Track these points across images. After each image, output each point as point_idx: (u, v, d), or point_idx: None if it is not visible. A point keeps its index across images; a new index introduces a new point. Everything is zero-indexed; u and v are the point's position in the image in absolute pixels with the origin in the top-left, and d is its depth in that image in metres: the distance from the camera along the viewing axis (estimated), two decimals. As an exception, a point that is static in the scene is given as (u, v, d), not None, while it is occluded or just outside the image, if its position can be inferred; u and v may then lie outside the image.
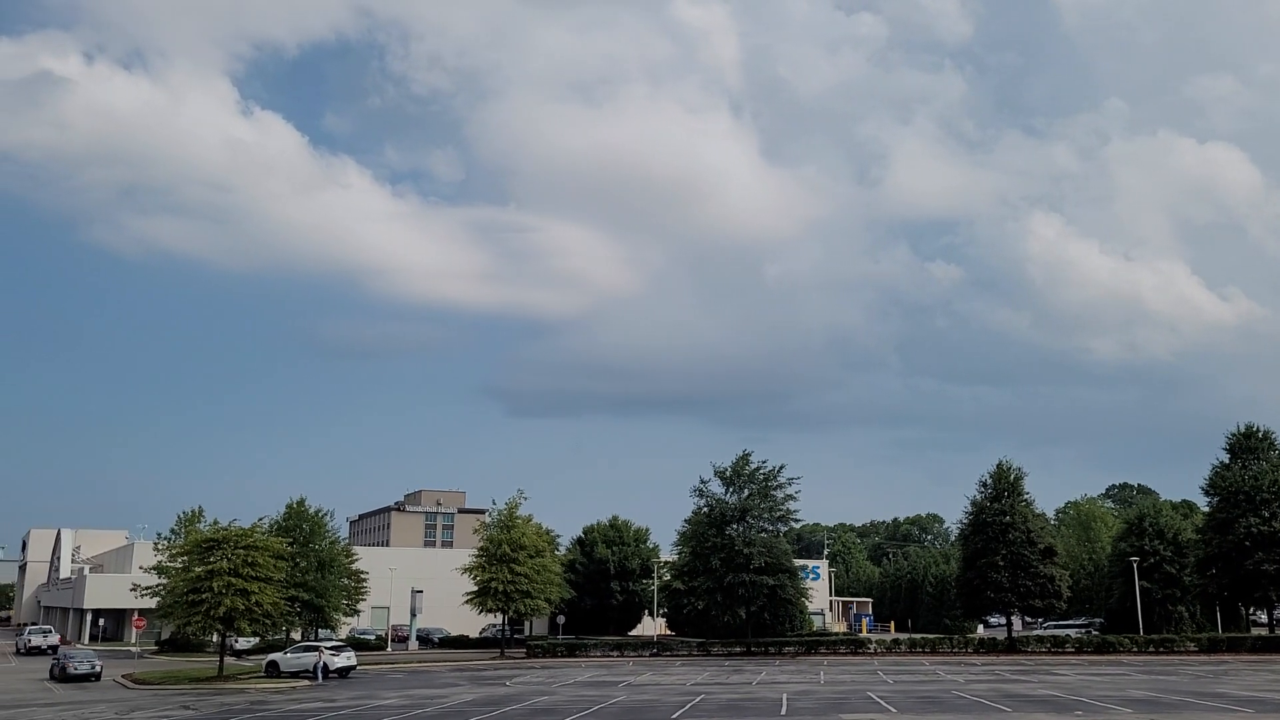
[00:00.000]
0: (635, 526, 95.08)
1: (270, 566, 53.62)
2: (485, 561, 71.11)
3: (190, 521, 65.93)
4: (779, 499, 71.74)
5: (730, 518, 70.73)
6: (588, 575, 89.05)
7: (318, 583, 69.84)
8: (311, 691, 45.75)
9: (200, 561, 52.56)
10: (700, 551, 70.63)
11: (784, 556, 71.87)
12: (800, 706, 33.70)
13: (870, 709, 32.67)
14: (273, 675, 54.08)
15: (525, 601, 70.49)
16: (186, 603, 51.98)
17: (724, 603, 68.86)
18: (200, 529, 57.79)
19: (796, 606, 73.91)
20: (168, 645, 79.39)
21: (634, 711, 33.29)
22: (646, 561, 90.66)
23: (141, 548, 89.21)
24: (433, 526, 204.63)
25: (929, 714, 30.79)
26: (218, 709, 37.79)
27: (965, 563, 72.07)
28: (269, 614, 53.94)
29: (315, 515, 73.49)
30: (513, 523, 72.75)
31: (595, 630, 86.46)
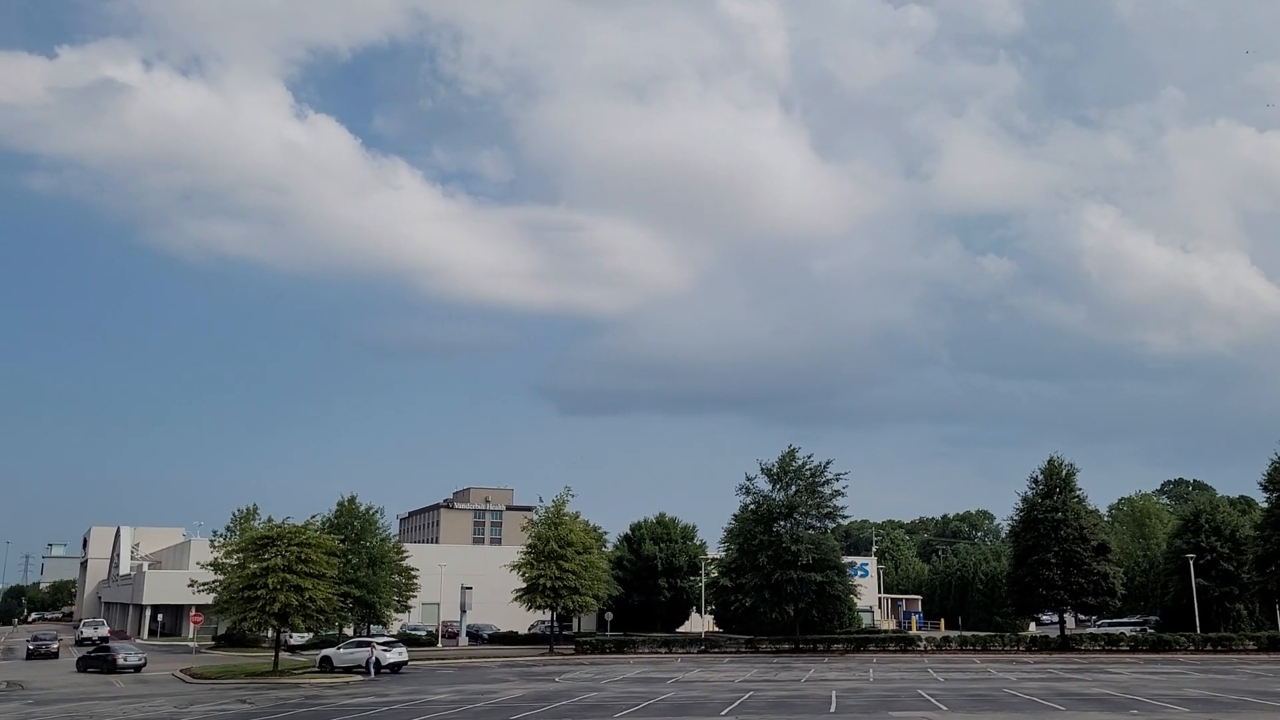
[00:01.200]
0: (682, 524, 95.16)
1: (323, 563, 54.47)
2: (533, 558, 71.62)
3: (245, 519, 67.02)
4: (826, 495, 71.45)
5: (777, 514, 70.53)
6: (635, 572, 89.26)
7: (369, 579, 70.71)
8: (364, 686, 46.42)
9: (255, 558, 53.53)
10: (747, 548, 70.54)
11: (832, 553, 71.57)
12: (850, 704, 33.58)
13: (921, 707, 32.46)
14: (326, 670, 54.87)
15: (573, 598, 70.90)
16: (242, 599, 53.00)
17: (772, 600, 68.71)
18: (255, 526, 58.76)
19: (845, 603, 73.57)
20: (224, 640, 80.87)
21: (683, 708, 33.38)
22: (694, 558, 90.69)
23: (198, 545, 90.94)
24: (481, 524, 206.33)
25: (981, 712, 30.54)
26: (273, 703, 38.48)
27: (1016, 560, 71.25)
28: (322, 610, 54.80)
29: (366, 513, 74.40)
30: (560, 520, 73.19)
31: (643, 627, 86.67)
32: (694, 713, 31.79)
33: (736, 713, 31.34)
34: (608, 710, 32.69)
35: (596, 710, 32.81)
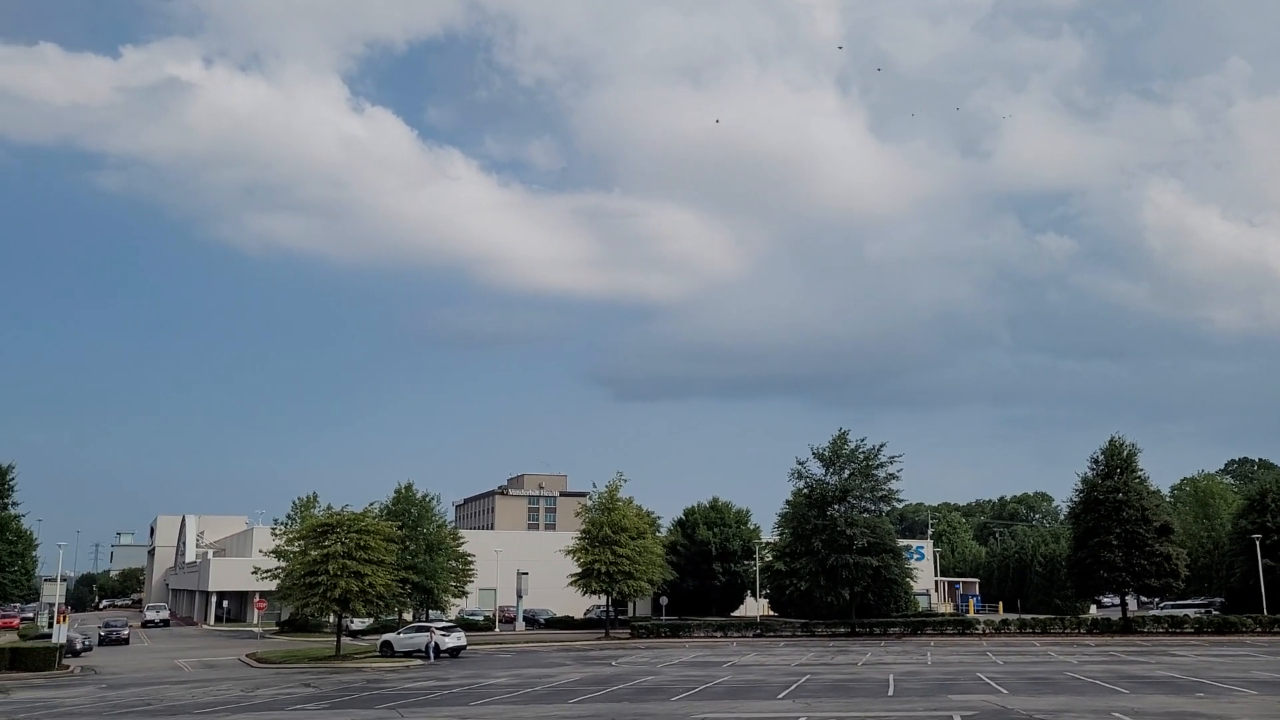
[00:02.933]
0: (736, 508, 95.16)
1: (382, 549, 55.31)
2: (588, 544, 72.08)
3: (305, 507, 68.16)
4: (880, 479, 71.00)
5: (831, 498, 70.25)
6: (689, 557, 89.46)
7: (427, 565, 71.65)
8: (424, 670, 47.14)
9: (316, 545, 54.51)
10: (801, 533, 70.37)
11: (887, 537, 71.15)
12: (908, 687, 33.44)
13: (981, 690, 32.22)
14: (387, 655, 55.77)
15: (628, 583, 71.25)
16: (304, 585, 54.02)
17: (827, 584, 68.52)
18: (315, 514, 59.77)
19: (901, 587, 73.10)
20: (287, 625, 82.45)
21: (740, 691, 33.48)
22: (748, 543, 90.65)
23: (260, 532, 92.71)
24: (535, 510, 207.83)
25: (1042, 695, 30.24)
26: (337, 687, 39.22)
27: (1076, 541, 70.31)
28: (381, 595, 55.69)
29: (423, 500, 75.37)
30: (613, 505, 73.51)
31: (697, 611, 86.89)
32: (752, 696, 31.85)
33: (794, 696, 31.36)
34: (665, 693, 32.88)
35: (654, 693, 33.01)
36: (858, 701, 29.29)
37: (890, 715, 25.88)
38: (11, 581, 74.78)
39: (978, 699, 29.44)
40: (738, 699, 31.00)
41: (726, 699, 31.06)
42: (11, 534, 74.04)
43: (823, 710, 26.98)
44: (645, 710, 28.06)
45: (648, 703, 30.17)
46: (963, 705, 27.62)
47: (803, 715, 25.92)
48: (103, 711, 32.12)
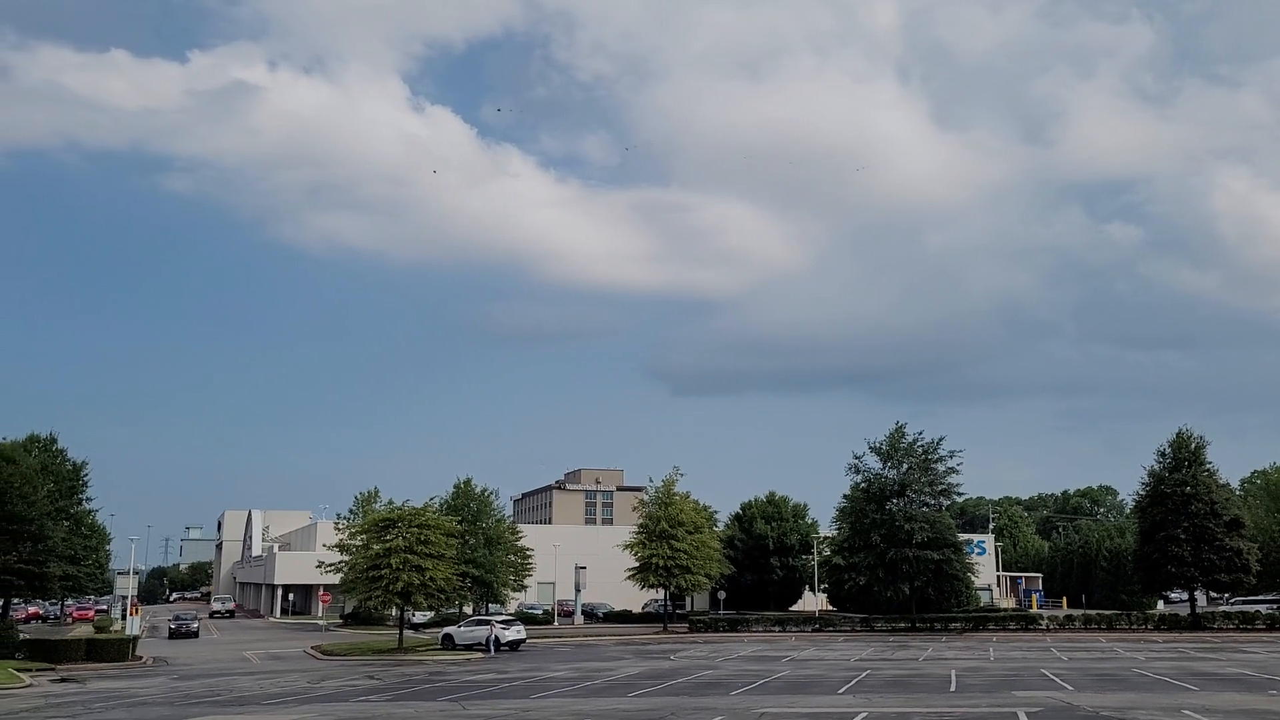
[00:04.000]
0: (793, 502, 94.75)
1: (442, 544, 56.04)
2: (645, 538, 72.35)
3: (367, 502, 69.14)
4: (939, 472, 70.29)
5: (890, 492, 69.70)
6: (747, 551, 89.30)
7: (486, 559, 72.42)
8: (485, 663, 47.69)
9: (378, 540, 55.39)
10: (860, 527, 69.90)
11: (947, 531, 70.40)
12: (970, 683, 33.10)
13: (1046, 687, 31.78)
14: (448, 648, 56.52)
15: (685, 577, 71.39)
16: (367, 578, 54.93)
17: (886, 579, 68.01)
18: (376, 509, 60.68)
19: (962, 582, 72.27)
20: (351, 619, 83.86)
21: (799, 686, 33.39)
22: (805, 537, 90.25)
23: (324, 527, 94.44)
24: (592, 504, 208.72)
25: (1109, 692, 29.75)
26: (400, 679, 39.85)
27: (1143, 536, 68.95)
28: (442, 589, 56.43)
29: (482, 494, 76.17)
30: (670, 500, 73.67)
31: (755, 606, 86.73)
32: (811, 691, 31.76)
33: (854, 691, 31.20)
34: (724, 688, 32.91)
35: (713, 688, 33.06)
36: (919, 697, 29.06)
37: (953, 711, 25.64)
38: (87, 575, 76.87)
39: (1042, 695, 29.05)
40: (797, 694, 30.93)
41: (786, 694, 30.99)
42: (86, 529, 76.09)
43: (884, 706, 26.82)
44: (705, 704, 28.12)
45: (707, 697, 30.22)
46: (1027, 702, 27.27)
47: (864, 711, 25.79)
48: (174, 701, 32.97)
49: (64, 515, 66.80)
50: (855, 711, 25.81)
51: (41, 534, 55.97)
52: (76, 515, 72.46)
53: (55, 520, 61.15)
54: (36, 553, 55.23)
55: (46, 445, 71.41)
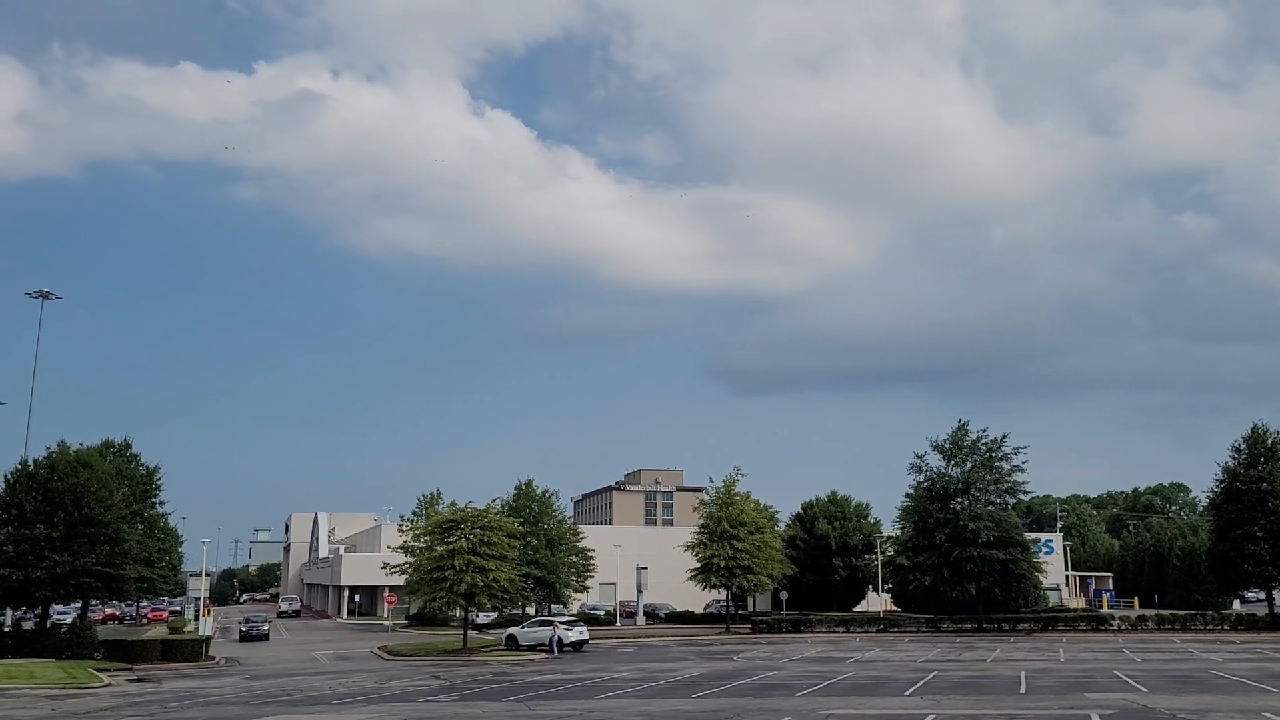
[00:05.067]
0: (856, 501, 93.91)
1: (505, 545, 56.49)
2: (706, 539, 72.21)
3: (430, 504, 70.17)
4: (1004, 470, 69.26)
5: (953, 491, 68.82)
6: (809, 551, 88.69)
7: (548, 560, 72.82)
8: (549, 663, 47.97)
9: (441, 541, 56.02)
10: (923, 526, 69.11)
11: (1014, 530, 69.33)
12: (1041, 685, 32.52)
13: (1118, 688, 31.12)
14: (512, 648, 56.95)
15: (747, 578, 71.13)
16: (431, 580, 55.59)
17: (951, 579, 67.15)
18: (439, 511, 61.40)
19: (1030, 581, 71.07)
20: (416, 619, 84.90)
21: (864, 687, 33.09)
22: (868, 537, 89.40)
23: (388, 529, 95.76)
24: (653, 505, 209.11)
25: (1185, 694, 29.03)
26: (466, 679, 40.24)
27: (1217, 534, 67.21)
28: (505, 590, 56.90)
29: (543, 496, 76.62)
30: (731, 500, 73.44)
31: (818, 606, 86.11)
32: (876, 692, 31.45)
33: (921, 693, 30.82)
34: (788, 689, 32.72)
35: (777, 689, 32.89)
36: (988, 699, 28.62)
37: (1024, 714, 25.22)
38: (160, 577, 78.85)
39: (1116, 697, 28.44)
40: (863, 695, 30.64)
41: (851, 695, 30.72)
42: (160, 532, 78.03)
43: (952, 708, 26.46)
44: (769, 706, 27.98)
45: (771, 698, 30.08)
46: (1100, 704, 26.72)
47: (932, 713, 25.47)
48: (247, 701, 33.63)
49: (138, 519, 68.62)
50: (923, 713, 25.50)
51: (117, 537, 57.48)
52: (150, 519, 74.35)
53: (130, 524, 62.79)
54: (113, 555, 56.71)
55: (121, 450, 73.40)
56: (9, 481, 56.21)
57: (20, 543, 53.48)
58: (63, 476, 55.62)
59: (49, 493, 55.00)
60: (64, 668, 46.79)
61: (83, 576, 54.75)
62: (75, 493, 55.34)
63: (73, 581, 54.75)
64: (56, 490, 55.04)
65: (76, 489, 55.47)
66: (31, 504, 54.51)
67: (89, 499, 55.72)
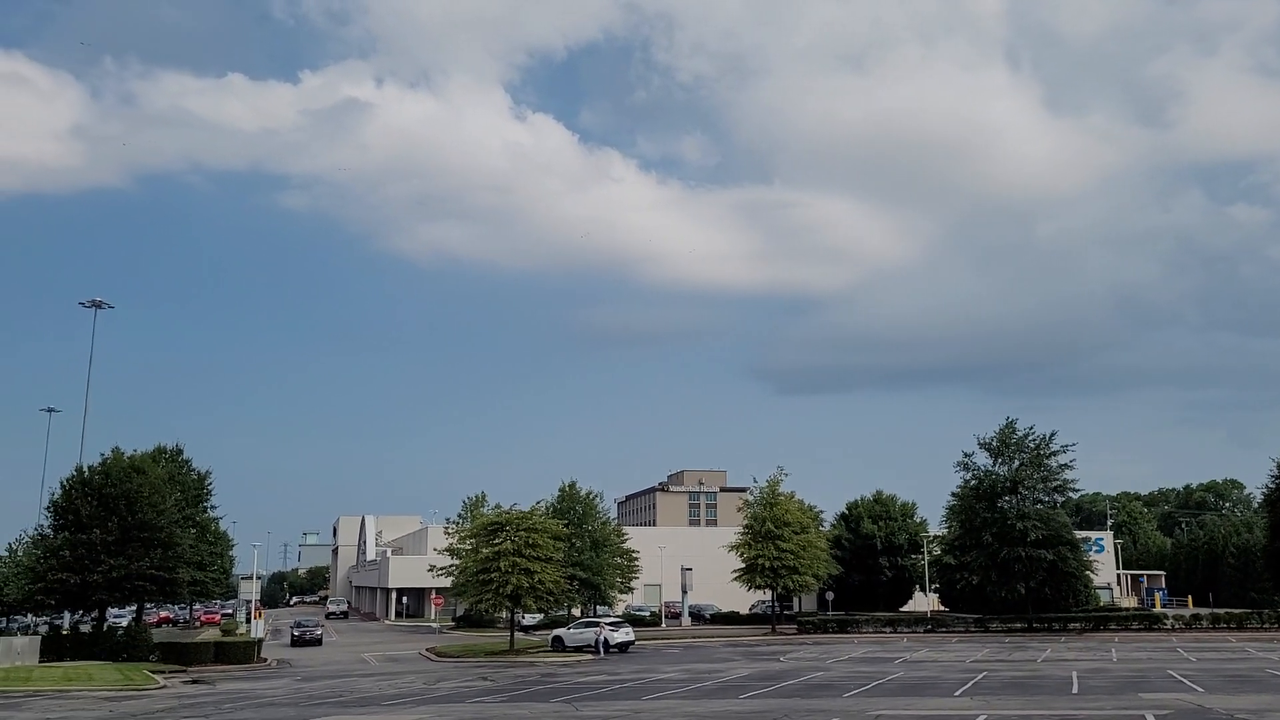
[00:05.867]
0: (901, 501, 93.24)
1: (550, 547, 56.69)
2: (750, 539, 72.03)
3: (475, 506, 70.63)
4: (1053, 468, 68.35)
5: (1001, 490, 68.06)
6: (854, 551, 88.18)
7: (593, 562, 73.04)
8: (595, 664, 48.11)
9: (486, 543, 56.37)
10: (970, 525, 68.43)
11: (1063, 529, 68.45)
12: (1093, 685, 32.08)
13: (1173, 688, 30.62)
14: (558, 649, 57.16)
15: (792, 578, 70.85)
16: (477, 582, 55.96)
17: (999, 578, 66.40)
18: (484, 513, 61.78)
19: (1080, 581, 70.03)
20: (462, 621, 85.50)
21: (913, 688, 32.84)
22: (914, 536, 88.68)
23: (434, 531, 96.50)
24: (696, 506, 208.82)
25: (1243, 694, 28.50)
26: (513, 680, 40.48)
27: (1272, 531, 65.99)
28: (551, 591, 57.10)
29: (586, 497, 76.86)
30: (775, 500, 73.19)
31: (864, 606, 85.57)
32: (925, 693, 31.21)
33: (971, 693, 30.54)
34: (836, 690, 32.57)
35: (824, 690, 32.75)
36: (1039, 700, 28.30)
37: (1077, 714, 24.90)
38: (212, 580, 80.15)
39: (1171, 697, 28.00)
40: (912, 696, 30.43)
41: (900, 696, 30.52)
42: (211, 536, 79.33)
43: (1003, 708, 26.20)
44: (817, 706, 27.87)
45: (819, 699, 29.95)
46: (1155, 704, 26.31)
47: (982, 713, 25.23)
48: (299, 702, 34.10)
49: (191, 523, 69.84)
50: (973, 714, 25.27)
51: (170, 541, 58.55)
52: (202, 523, 75.60)
53: (183, 528, 63.94)
54: (166, 559, 57.78)
55: (173, 456, 74.68)
56: (65, 488, 57.48)
57: (77, 547, 54.69)
58: (117, 482, 56.76)
59: (104, 498, 56.17)
60: (121, 670, 47.75)
61: (137, 580, 55.82)
62: (129, 498, 56.47)
63: (128, 585, 55.86)
64: (111, 496, 56.20)
65: (130, 494, 56.59)
66: (87, 509, 55.70)
67: (142, 504, 56.81)
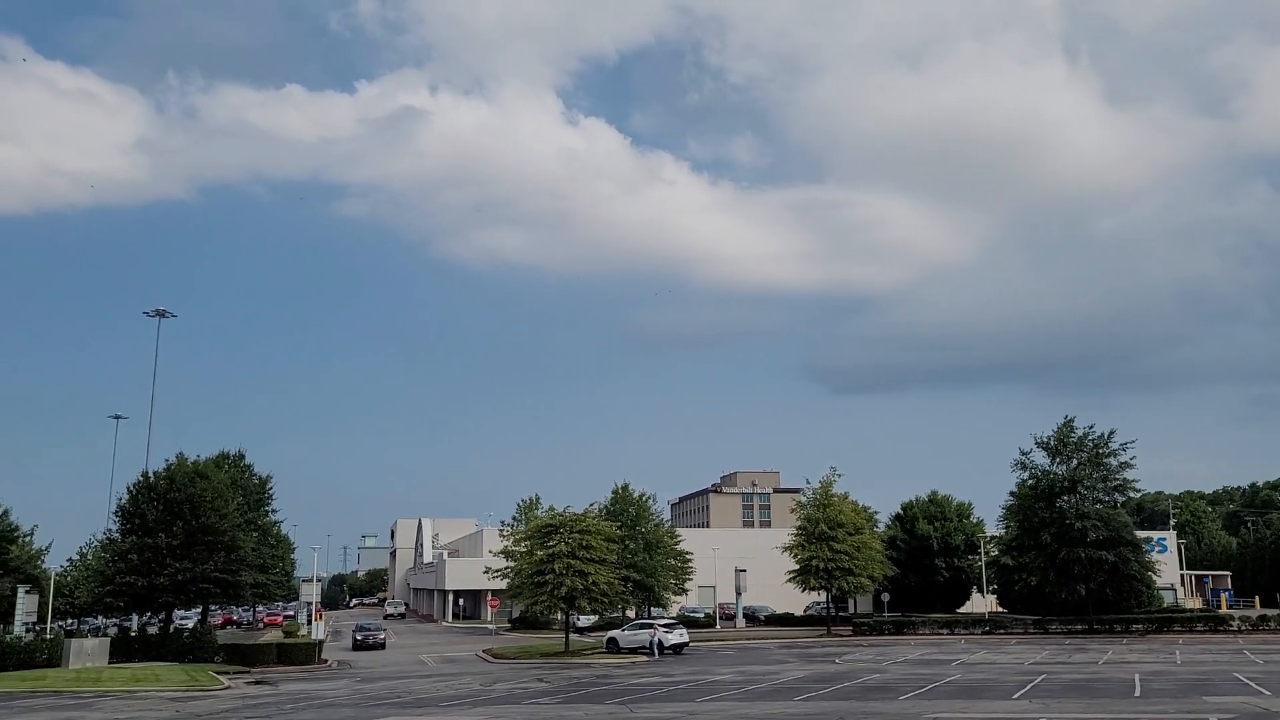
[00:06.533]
0: (957, 501, 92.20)
1: (603, 549, 56.97)
2: (804, 540, 71.79)
3: (529, 508, 71.04)
4: (1112, 467, 67.24)
5: (1059, 489, 67.12)
6: (909, 552, 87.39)
7: (646, 563, 73.21)
8: (649, 666, 48.26)
9: (541, 546, 56.78)
10: (1028, 526, 67.57)
11: (1124, 529, 67.31)
12: (1156, 688, 31.57)
13: (1240, 691, 30.03)
14: (612, 651, 57.40)
15: (847, 579, 70.48)
16: (532, 584, 56.39)
17: (1058, 579, 65.47)
18: (538, 515, 62.23)
19: (1142, 582, 68.79)
20: (518, 622, 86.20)
21: (972, 690, 32.56)
22: (970, 537, 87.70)
23: (489, 534, 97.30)
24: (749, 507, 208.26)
25: (1310, 698, 27.89)
26: (569, 682, 40.77)
27: (1344, 530, 64.19)
28: (605, 593, 57.36)
29: (640, 499, 77.08)
30: (828, 501, 72.85)
31: (920, 608, 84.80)
32: (984, 695, 30.93)
33: (1030, 696, 30.22)
34: (893, 692, 32.39)
35: (881, 692, 32.59)
36: (1101, 702, 27.93)
37: (1139, 717, 24.58)
38: (274, 583, 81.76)
39: (1236, 701, 27.48)
40: (970, 698, 30.18)
41: (958, 698, 30.29)
42: (272, 539, 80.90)
43: (1063, 712, 25.92)
44: (873, 709, 27.77)
45: (875, 701, 29.83)
46: (1220, 707, 25.86)
47: (1041, 716, 25.00)
48: (359, 703, 34.68)
49: (253, 526, 71.33)
50: (1033, 717, 25.05)
51: (233, 544, 59.82)
52: (264, 526, 77.15)
53: (245, 531, 65.32)
54: (229, 562, 59.05)
55: (236, 461, 76.30)
56: (132, 493, 59.03)
57: (144, 551, 56.13)
58: (181, 487, 58.16)
59: (168, 503, 57.58)
60: (187, 671, 48.89)
61: (202, 583, 57.13)
62: (193, 502, 57.83)
63: (193, 588, 57.21)
64: (175, 500, 57.60)
65: (194, 499, 57.95)
66: (153, 514, 57.14)
67: (205, 508, 58.13)
